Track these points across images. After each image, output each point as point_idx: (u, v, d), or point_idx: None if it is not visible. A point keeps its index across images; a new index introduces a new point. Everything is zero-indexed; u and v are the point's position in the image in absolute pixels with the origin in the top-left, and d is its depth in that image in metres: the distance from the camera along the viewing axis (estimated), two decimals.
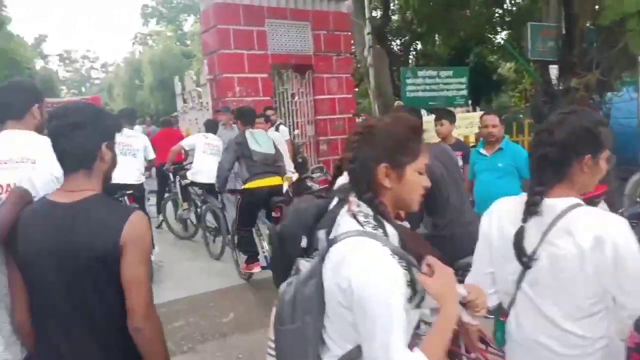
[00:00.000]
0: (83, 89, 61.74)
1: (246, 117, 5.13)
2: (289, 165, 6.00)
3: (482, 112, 5.29)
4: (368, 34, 11.55)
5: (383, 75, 12.82)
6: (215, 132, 7.02)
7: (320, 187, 6.06)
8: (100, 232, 1.50)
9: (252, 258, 5.03)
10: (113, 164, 1.67)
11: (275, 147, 5.04)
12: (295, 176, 6.11)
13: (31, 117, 2.14)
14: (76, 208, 1.53)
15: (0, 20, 22.35)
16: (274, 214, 4.97)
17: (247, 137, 4.87)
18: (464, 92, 9.15)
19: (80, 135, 1.55)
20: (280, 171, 5.02)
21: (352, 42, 11.41)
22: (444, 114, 4.95)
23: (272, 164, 4.91)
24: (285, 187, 5.89)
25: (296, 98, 9.30)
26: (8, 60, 19.63)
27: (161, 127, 9.41)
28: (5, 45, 16.76)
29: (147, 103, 29.13)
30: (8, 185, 1.95)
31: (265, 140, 4.97)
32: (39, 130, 2.17)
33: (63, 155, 1.58)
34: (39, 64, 42.14)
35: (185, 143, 6.91)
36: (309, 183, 6.47)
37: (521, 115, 12.67)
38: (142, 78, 30.43)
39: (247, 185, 4.81)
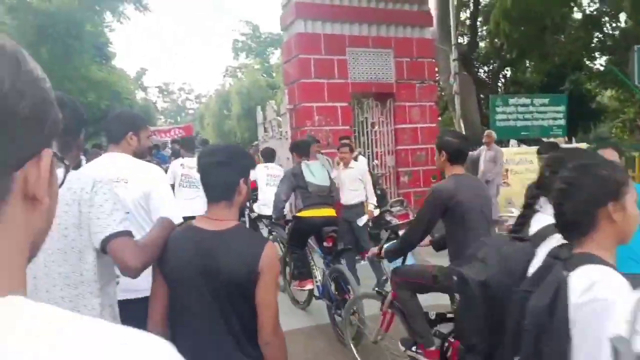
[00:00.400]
0: (178, 118, 65.89)
1: (301, 149, 5.17)
2: (371, 197, 5.80)
3: (583, 144, 4.61)
4: (454, 60, 11.02)
5: (470, 104, 12.16)
6: (272, 161, 6.92)
7: (400, 222, 5.62)
8: (241, 260, 1.67)
9: (305, 275, 4.85)
10: (247, 197, 1.84)
11: (330, 178, 5.02)
12: (377, 211, 5.75)
13: (126, 143, 2.39)
14: (221, 236, 1.71)
15: (106, 56, 24.51)
16: (325, 244, 4.79)
17: (303, 168, 4.84)
18: (562, 122, 8.33)
19: (224, 172, 1.75)
20: (333, 202, 5.00)
21: (436, 69, 10.92)
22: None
23: (327, 196, 4.86)
24: (364, 220, 5.52)
25: (376, 127, 8.96)
26: (111, 92, 21.25)
27: None
28: (108, 78, 18.08)
29: (233, 132, 30.22)
30: None
31: (320, 172, 4.91)
32: (137, 154, 2.42)
33: (209, 187, 1.77)
34: (139, 95, 45.69)
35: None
36: (388, 217, 6.02)
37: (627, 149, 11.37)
38: (230, 108, 31.72)
39: (300, 214, 4.77)
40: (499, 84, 19.34)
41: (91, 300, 1.67)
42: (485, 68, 18.66)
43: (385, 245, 3.24)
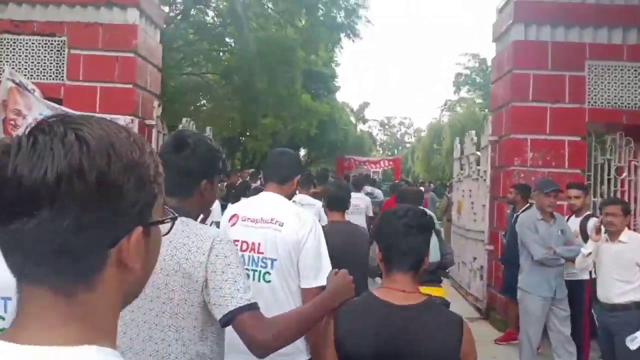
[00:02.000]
0: (396, 151, 66.64)
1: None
2: None
3: None
4: None
5: None
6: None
7: None
8: (441, 344, 1.52)
9: None
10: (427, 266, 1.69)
11: (443, 251, 3.99)
12: None
13: (290, 186, 2.29)
14: (413, 312, 1.55)
15: (331, 90, 25.40)
16: None
17: None
18: None
19: (418, 240, 1.61)
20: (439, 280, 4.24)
21: None
22: None
23: (434, 271, 3.90)
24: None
25: (624, 174, 6.04)
26: (325, 122, 21.61)
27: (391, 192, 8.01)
28: (320, 108, 18.20)
29: (441, 167, 28.08)
30: (253, 243, 2.12)
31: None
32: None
33: (400, 254, 1.60)
34: (359, 127, 47.22)
35: None
36: None
37: None
38: (441, 142, 29.72)
39: None
40: None
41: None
42: None
43: None
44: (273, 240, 2.05)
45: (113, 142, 0.58)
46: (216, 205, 5.55)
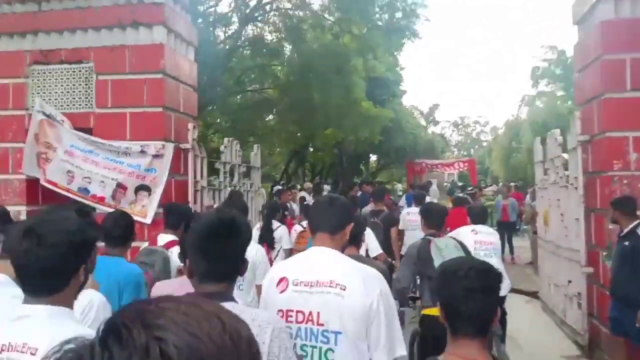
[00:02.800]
0: (472, 151, 63.65)
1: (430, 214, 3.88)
2: None
3: None
4: None
5: None
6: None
7: None
8: None
9: None
10: None
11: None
12: None
13: (342, 236, 2.00)
14: None
15: (396, 95, 24.37)
16: None
17: (432, 249, 3.42)
18: None
19: (485, 303, 1.46)
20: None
21: None
22: None
23: None
24: None
25: None
26: (392, 129, 20.59)
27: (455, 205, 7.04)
28: (391, 115, 17.21)
29: (522, 166, 25.85)
30: (311, 313, 1.80)
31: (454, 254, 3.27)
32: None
33: (465, 321, 1.46)
34: (431, 129, 45.38)
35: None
36: None
37: None
38: (520, 140, 27.44)
39: (428, 311, 3.43)
40: None
41: None
42: None
43: None
44: (336, 309, 1.76)
45: (203, 355, 0.50)
46: (283, 231, 5.22)
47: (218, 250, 1.51)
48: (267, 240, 5.04)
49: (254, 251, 3.37)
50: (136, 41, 5.46)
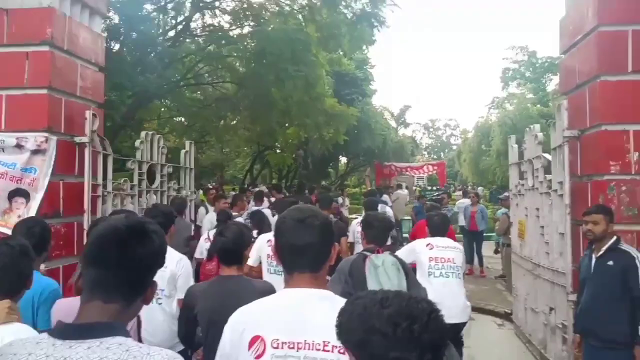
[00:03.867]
0: (442, 155, 63.51)
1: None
2: None
3: None
4: None
5: None
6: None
7: None
8: None
9: None
10: None
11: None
12: None
13: (327, 268, 1.61)
14: None
15: (365, 94, 23.49)
16: None
17: (368, 269, 2.83)
18: None
19: None
20: None
21: None
22: None
23: None
24: None
25: None
26: (361, 129, 19.62)
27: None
28: (357, 114, 16.15)
29: (492, 170, 25.25)
30: None
31: (394, 277, 2.80)
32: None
33: None
34: (402, 131, 44.73)
35: None
36: None
37: None
38: (490, 143, 26.87)
39: None
40: None
41: None
42: None
43: None
44: None
45: None
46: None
47: (114, 257, 1.19)
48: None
49: (175, 261, 3.09)
50: (19, 4, 4.24)
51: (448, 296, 3.73)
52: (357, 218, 7.02)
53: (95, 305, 1.16)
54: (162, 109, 16.03)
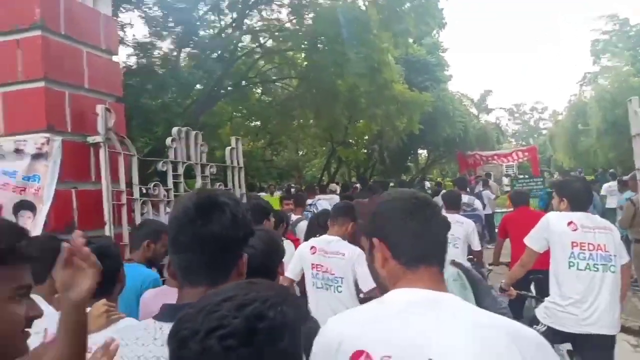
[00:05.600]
0: (531, 140, 58.72)
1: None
2: None
3: None
4: None
5: None
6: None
7: None
8: None
9: None
10: None
11: None
12: None
13: None
14: None
15: (439, 80, 21.83)
16: None
17: None
18: None
19: None
20: None
21: None
22: None
23: None
24: None
25: None
26: (437, 117, 18.08)
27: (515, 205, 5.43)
28: (430, 100, 14.73)
29: (592, 151, 22.27)
30: None
31: None
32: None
33: None
34: (484, 118, 41.71)
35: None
36: None
37: None
38: (587, 122, 23.79)
39: None
40: None
41: None
42: None
43: None
44: None
45: None
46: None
47: (182, 241, 1.19)
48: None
49: None
50: None
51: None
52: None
53: (186, 290, 1.20)
54: (234, 113, 15.66)
